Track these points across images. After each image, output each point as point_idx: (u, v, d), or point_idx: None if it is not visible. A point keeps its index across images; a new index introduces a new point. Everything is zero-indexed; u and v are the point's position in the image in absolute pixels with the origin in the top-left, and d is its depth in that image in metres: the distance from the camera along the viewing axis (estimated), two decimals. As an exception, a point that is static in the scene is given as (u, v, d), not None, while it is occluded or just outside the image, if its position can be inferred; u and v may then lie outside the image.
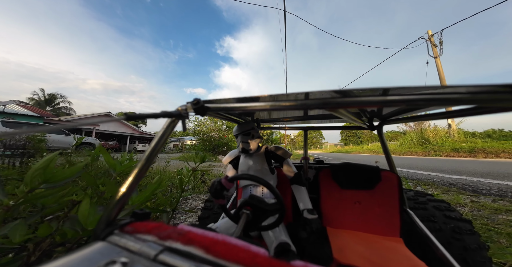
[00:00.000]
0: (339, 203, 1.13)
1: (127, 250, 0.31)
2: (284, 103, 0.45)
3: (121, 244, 0.32)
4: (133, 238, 0.34)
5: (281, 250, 0.76)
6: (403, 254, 0.84)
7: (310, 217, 0.92)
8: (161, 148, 0.47)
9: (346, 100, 0.40)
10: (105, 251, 0.31)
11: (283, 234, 0.85)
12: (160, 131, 0.48)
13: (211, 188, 0.82)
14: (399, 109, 0.82)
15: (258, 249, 0.30)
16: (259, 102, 0.48)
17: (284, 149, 1.15)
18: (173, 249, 0.30)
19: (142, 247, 0.31)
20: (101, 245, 0.33)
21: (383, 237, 0.98)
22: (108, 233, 0.36)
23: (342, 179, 1.14)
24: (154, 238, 0.33)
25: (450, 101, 0.35)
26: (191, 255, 0.29)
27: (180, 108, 0.47)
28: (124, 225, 0.38)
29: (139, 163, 0.45)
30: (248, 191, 1.05)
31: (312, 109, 0.44)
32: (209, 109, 0.50)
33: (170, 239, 0.32)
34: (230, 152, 1.21)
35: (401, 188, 1.03)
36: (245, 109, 0.50)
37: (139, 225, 0.37)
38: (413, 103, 0.37)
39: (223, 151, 13.88)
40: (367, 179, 1.08)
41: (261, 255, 0.28)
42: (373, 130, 1.14)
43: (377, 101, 0.39)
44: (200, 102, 0.47)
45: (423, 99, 0.36)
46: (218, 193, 0.79)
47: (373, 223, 1.04)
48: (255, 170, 1.05)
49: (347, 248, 0.88)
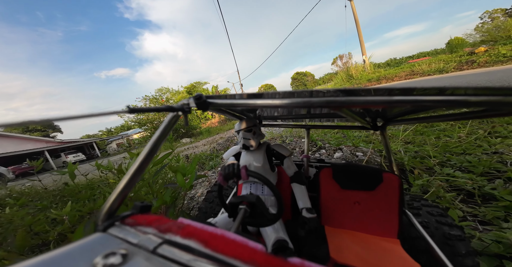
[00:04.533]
0: (338, 202, 1.13)
1: (127, 242, 0.32)
2: (288, 100, 0.44)
3: (121, 236, 0.33)
4: (134, 230, 0.34)
5: (278, 247, 0.77)
6: (399, 255, 0.85)
7: (308, 216, 0.94)
8: (163, 141, 0.49)
9: (351, 100, 0.40)
10: (105, 242, 0.32)
11: (281, 231, 0.86)
12: (162, 125, 0.49)
13: (226, 168, 0.82)
14: (405, 110, 0.79)
15: (256, 245, 0.30)
16: (262, 99, 0.48)
17: (285, 147, 1.16)
18: (173, 242, 0.31)
19: (142, 239, 0.32)
20: (101, 236, 0.34)
21: (380, 238, 0.99)
22: (108, 225, 0.37)
23: (343, 179, 1.14)
24: (154, 230, 0.34)
25: (458, 103, 0.34)
26: (190, 248, 0.29)
27: (183, 103, 0.48)
28: (124, 217, 0.39)
29: (141, 156, 0.46)
30: (248, 187, 1.06)
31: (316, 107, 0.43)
32: (211, 104, 0.50)
33: (170, 232, 0.33)
34: (231, 148, 1.22)
35: (402, 190, 1.03)
36: (248, 106, 0.51)
37: (140, 218, 0.38)
38: (420, 104, 0.36)
39: (183, 133, 13.23)
40: (368, 180, 1.08)
41: (258, 251, 0.29)
42: (376, 130, 1.12)
43: (383, 101, 0.38)
44: (203, 97, 0.48)
45: (430, 100, 0.36)
46: (230, 176, 0.80)
47: (371, 224, 1.05)
48: (256, 167, 1.05)
49: (344, 247, 0.89)
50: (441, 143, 2.43)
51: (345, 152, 2.64)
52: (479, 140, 2.31)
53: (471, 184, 1.61)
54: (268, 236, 0.85)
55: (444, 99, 0.35)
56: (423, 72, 11.77)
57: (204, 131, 16.44)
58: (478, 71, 8.58)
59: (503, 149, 1.99)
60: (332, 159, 2.58)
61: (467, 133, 2.52)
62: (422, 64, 12.76)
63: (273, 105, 0.46)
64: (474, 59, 10.42)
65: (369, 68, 16.80)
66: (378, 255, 0.85)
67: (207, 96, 0.50)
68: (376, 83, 13.74)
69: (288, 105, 0.45)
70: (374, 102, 0.39)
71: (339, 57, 21.32)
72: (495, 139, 2.22)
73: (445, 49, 17.56)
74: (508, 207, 1.30)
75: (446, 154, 2.17)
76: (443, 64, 11.49)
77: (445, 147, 2.33)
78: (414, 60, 18.91)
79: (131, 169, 0.45)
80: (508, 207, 1.30)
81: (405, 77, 12.31)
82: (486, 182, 1.60)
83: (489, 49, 11.35)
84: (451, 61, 11.61)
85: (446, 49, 17.00)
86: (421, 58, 20.36)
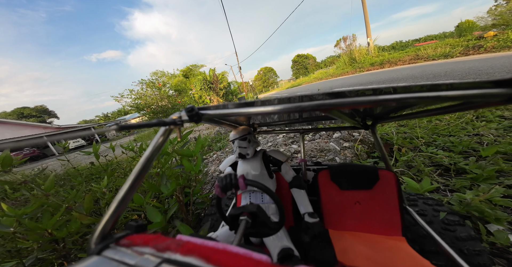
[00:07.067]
0: (339, 204, 1.12)
1: (124, 264, 0.31)
2: (280, 106, 0.45)
3: (117, 258, 0.32)
4: (130, 251, 0.33)
5: (284, 256, 0.76)
6: (407, 253, 0.84)
7: (311, 220, 0.92)
8: (156, 157, 0.48)
9: (339, 102, 0.41)
10: (101, 266, 0.31)
11: (285, 239, 0.84)
12: (154, 140, 0.48)
13: (223, 179, 0.80)
14: (391, 108, 0.82)
15: (261, 256, 0.29)
16: (255, 107, 0.48)
17: (281, 152, 1.15)
18: (172, 260, 0.30)
19: (139, 260, 0.30)
20: (96, 260, 0.33)
21: (385, 237, 0.98)
22: (103, 247, 0.35)
23: (341, 180, 1.14)
24: (151, 250, 0.33)
25: (439, 99, 0.36)
26: (191, 265, 0.28)
27: (174, 116, 0.48)
28: (119, 238, 0.38)
29: (133, 173, 0.45)
30: (247, 197, 1.05)
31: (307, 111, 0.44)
32: (204, 116, 0.50)
33: (169, 250, 0.32)
34: (226, 159, 1.21)
35: (399, 185, 1.03)
36: (241, 115, 0.50)
37: (136, 238, 0.37)
38: (404, 101, 0.38)
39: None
40: (365, 179, 1.09)
41: (263, 262, 0.28)
42: (366, 129, 1.13)
43: (369, 100, 0.40)
44: (195, 109, 0.48)
45: (413, 97, 0.37)
46: (228, 187, 0.78)
47: (374, 223, 1.04)
48: (253, 175, 1.04)
49: (351, 249, 0.88)
50: (430, 126, 2.62)
51: (343, 133, 2.84)
52: (465, 124, 2.50)
53: (449, 160, 1.83)
54: (272, 246, 0.83)
55: (425, 96, 0.37)
56: (428, 56, 11.50)
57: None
58: (483, 56, 8.45)
59: (483, 132, 2.19)
60: (331, 139, 2.78)
61: (456, 117, 2.71)
62: (428, 48, 12.39)
63: (265, 112, 0.47)
64: (482, 44, 10.15)
65: (373, 51, 16.27)
66: (385, 255, 0.83)
67: (199, 107, 0.50)
68: (379, 67, 13.47)
69: (280, 111, 0.45)
70: (361, 102, 0.41)
71: (342, 39, 20.43)
72: (479, 123, 2.41)
73: (454, 33, 16.86)
74: (474, 178, 1.53)
75: (433, 136, 2.37)
76: (449, 49, 11.20)
77: (434, 129, 2.53)
78: (420, 44, 18.25)
79: (123, 188, 0.44)
80: (474, 179, 1.53)
81: (409, 61, 12.06)
82: (462, 159, 1.82)
83: (499, 33, 10.97)
84: (457, 45, 11.29)
85: (455, 32, 16.32)
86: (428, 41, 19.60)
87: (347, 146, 2.50)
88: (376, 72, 11.66)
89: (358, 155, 2.34)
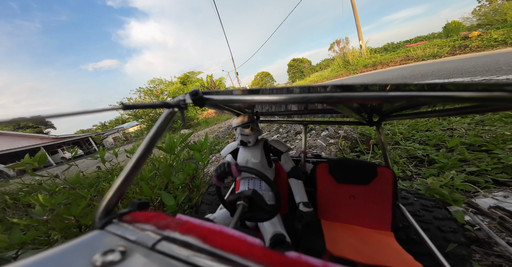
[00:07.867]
0: (334, 197, 1.15)
1: (125, 239, 0.32)
2: (286, 96, 0.44)
3: (119, 233, 0.33)
4: (132, 227, 0.35)
5: (276, 241, 0.79)
6: (392, 247, 0.88)
7: (305, 210, 0.95)
8: (160, 137, 0.49)
9: (347, 95, 0.40)
10: (103, 239, 0.32)
11: (278, 226, 0.88)
12: (158, 121, 0.49)
13: (218, 168, 0.83)
14: (400, 105, 0.80)
15: (254, 240, 0.30)
16: (259, 95, 0.47)
17: (283, 143, 1.18)
18: (171, 238, 0.31)
19: (140, 236, 0.32)
20: (99, 233, 0.34)
21: (375, 231, 1.02)
22: (106, 222, 0.37)
23: (338, 174, 1.16)
24: (152, 227, 0.34)
25: (452, 99, 0.35)
26: (189, 244, 0.29)
27: (178, 98, 0.48)
28: (122, 214, 0.39)
29: (137, 152, 0.46)
30: (246, 183, 1.07)
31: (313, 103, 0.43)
32: (208, 100, 0.50)
33: (168, 228, 0.33)
34: (228, 145, 1.23)
35: (396, 184, 1.05)
36: (245, 102, 0.50)
37: (138, 215, 0.38)
38: (415, 100, 0.37)
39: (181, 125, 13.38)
40: (363, 174, 1.10)
41: (256, 246, 0.29)
42: (372, 126, 1.13)
43: (379, 96, 0.39)
44: (199, 93, 0.48)
45: (425, 96, 0.36)
46: (223, 175, 0.82)
47: (366, 217, 1.07)
48: (253, 163, 1.06)
49: (340, 240, 0.91)
50: (410, 122, 2.83)
51: (330, 131, 3.04)
52: (442, 119, 2.71)
53: (423, 152, 2.03)
54: (266, 231, 0.87)
55: (438, 95, 0.35)
56: (417, 57, 11.90)
57: (202, 122, 16.64)
58: (468, 56, 8.81)
59: (456, 126, 2.40)
60: (319, 137, 2.97)
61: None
62: (417, 49, 12.82)
63: (270, 101, 0.46)
64: (467, 43, 10.56)
65: (365, 53, 16.71)
66: (372, 248, 0.86)
67: (203, 92, 0.50)
68: (372, 68, 13.81)
69: (285, 100, 0.45)
70: (370, 97, 0.39)
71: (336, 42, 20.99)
72: (454, 118, 2.63)
73: (442, 33, 17.45)
74: (441, 167, 1.72)
75: (412, 131, 2.58)
76: (437, 49, 11.60)
77: (414, 126, 2.73)
78: (411, 45, 18.79)
79: (127, 166, 0.45)
80: (441, 167, 1.73)
81: (400, 62, 12.44)
82: (435, 151, 2.01)
83: (483, 33, 11.43)
84: (445, 45, 11.71)
85: (443, 33, 16.90)
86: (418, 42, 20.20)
87: (332, 142, 2.70)
88: (369, 73, 12.03)
89: (342, 150, 2.54)
